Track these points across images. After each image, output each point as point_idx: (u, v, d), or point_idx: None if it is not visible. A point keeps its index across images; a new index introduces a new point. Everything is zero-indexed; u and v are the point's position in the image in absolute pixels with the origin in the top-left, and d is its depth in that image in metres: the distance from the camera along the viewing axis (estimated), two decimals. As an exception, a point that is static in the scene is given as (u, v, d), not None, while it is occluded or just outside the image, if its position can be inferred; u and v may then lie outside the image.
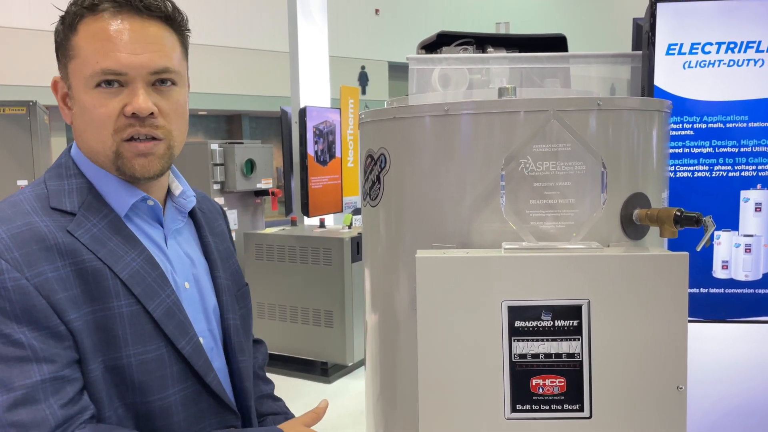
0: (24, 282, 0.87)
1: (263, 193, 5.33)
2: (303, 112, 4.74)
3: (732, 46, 1.89)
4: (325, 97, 5.34)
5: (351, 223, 4.61)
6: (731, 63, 1.91)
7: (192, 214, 1.13)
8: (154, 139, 0.96)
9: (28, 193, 0.98)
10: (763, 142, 1.95)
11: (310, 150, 4.77)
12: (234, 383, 1.12)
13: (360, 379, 4.19)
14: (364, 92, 13.39)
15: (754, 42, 1.89)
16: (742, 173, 1.96)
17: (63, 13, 0.97)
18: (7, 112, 4.72)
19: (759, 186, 1.97)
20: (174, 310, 0.98)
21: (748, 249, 1.98)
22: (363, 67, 14.22)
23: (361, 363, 4.30)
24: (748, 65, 1.90)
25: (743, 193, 1.97)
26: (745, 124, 1.94)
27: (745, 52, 1.90)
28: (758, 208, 1.96)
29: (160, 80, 0.96)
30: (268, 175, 5.22)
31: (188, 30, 1.03)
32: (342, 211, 5.21)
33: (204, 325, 1.07)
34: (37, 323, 0.87)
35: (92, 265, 0.92)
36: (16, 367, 0.85)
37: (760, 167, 1.96)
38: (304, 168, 4.73)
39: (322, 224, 4.67)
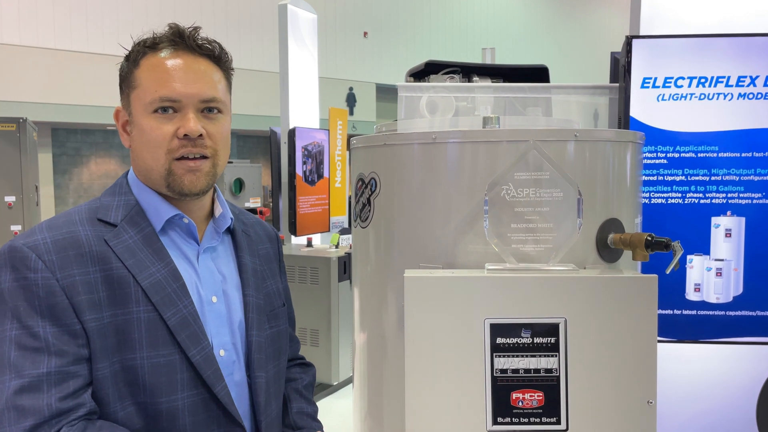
0: (53, 282, 0.98)
1: (251, 211, 5.36)
2: (292, 133, 4.81)
3: (703, 80, 2.01)
4: (314, 117, 5.42)
5: (338, 243, 4.66)
6: (702, 96, 2.02)
7: (234, 235, 1.23)
8: (203, 157, 1.08)
9: (84, 206, 1.12)
10: (732, 171, 2.06)
11: (299, 170, 4.84)
12: (251, 397, 1.17)
13: (345, 399, 4.20)
14: (351, 113, 13.51)
15: (723, 77, 2.00)
16: (713, 200, 2.07)
17: (127, 52, 1.11)
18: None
19: (729, 213, 2.07)
20: (189, 320, 1.06)
21: (719, 273, 2.07)
22: (351, 89, 14.36)
23: (347, 382, 4.32)
24: (717, 99, 2.01)
25: (714, 220, 2.07)
26: (715, 154, 2.05)
27: (715, 86, 2.01)
28: (728, 233, 2.07)
29: (208, 108, 1.09)
30: (257, 194, 5.27)
31: (232, 69, 1.19)
32: (329, 230, 5.26)
33: (228, 338, 1.13)
34: (56, 319, 0.97)
35: (119, 272, 1.03)
36: (30, 356, 0.95)
37: (729, 195, 2.06)
38: (292, 188, 4.79)
39: (309, 243, 4.72)
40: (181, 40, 1.09)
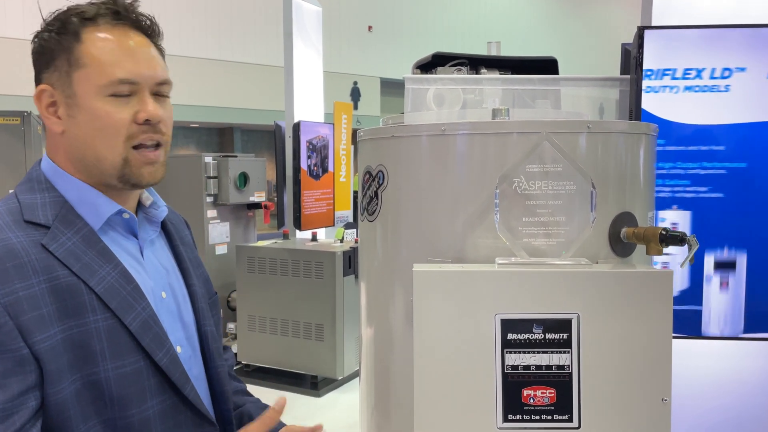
0: None
1: (256, 206, 5.35)
2: (297, 127, 4.78)
3: (714, 72, 1.97)
4: (318, 112, 5.39)
5: (343, 237, 4.64)
6: (715, 88, 1.98)
7: (162, 224, 1.15)
8: (158, 145, 1.01)
9: (1, 207, 0.97)
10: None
11: (303, 164, 4.81)
12: (213, 388, 1.14)
13: (350, 393, 4.20)
14: (356, 107, 13.48)
15: (742, 68, 1.96)
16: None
17: (56, 22, 0.98)
18: (2, 122, 4.73)
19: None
20: (150, 323, 0.99)
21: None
22: (355, 83, 14.33)
23: (351, 377, 4.31)
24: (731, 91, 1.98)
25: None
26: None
27: (728, 78, 1.97)
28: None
29: (159, 90, 1.02)
30: (261, 188, 5.25)
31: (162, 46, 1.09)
32: (334, 225, 5.24)
33: (182, 334, 1.08)
34: (0, 346, 0.85)
35: (67, 280, 0.92)
36: None
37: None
38: (297, 182, 4.77)
39: (314, 238, 4.70)
40: (125, 13, 0.99)
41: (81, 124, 0.97)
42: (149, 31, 1.03)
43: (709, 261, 2.03)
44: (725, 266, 2.02)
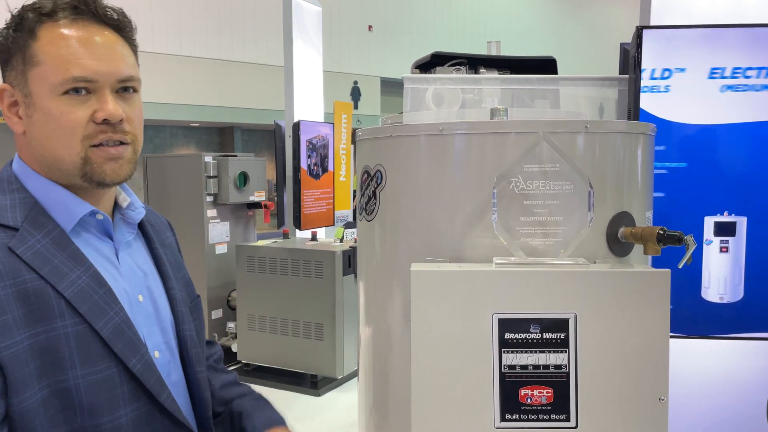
0: None
1: (256, 205, 5.36)
2: (297, 126, 4.78)
3: (714, 71, 1.97)
4: (318, 111, 5.40)
5: (343, 237, 4.65)
6: (713, 88, 1.98)
7: (141, 226, 1.11)
8: (122, 143, 0.96)
9: None
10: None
11: (303, 164, 4.82)
12: (192, 394, 1.10)
13: (349, 392, 4.20)
14: (356, 107, 13.48)
15: (739, 68, 1.96)
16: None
17: (15, 19, 0.95)
18: (1, 121, 4.74)
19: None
20: (123, 328, 0.95)
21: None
22: (355, 82, 14.32)
23: (351, 376, 4.31)
24: (733, 90, 1.98)
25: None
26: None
27: (726, 78, 1.97)
28: None
29: (123, 88, 0.96)
30: (261, 188, 5.25)
31: (135, 39, 1.03)
32: (334, 224, 5.25)
33: (160, 338, 1.04)
34: None
35: (34, 285, 0.88)
36: None
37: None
38: (297, 181, 4.77)
39: (313, 237, 4.70)
40: (85, 6, 0.94)
41: (37, 124, 0.94)
42: (116, 25, 0.97)
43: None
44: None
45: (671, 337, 1.20)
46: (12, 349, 0.85)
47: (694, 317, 2.05)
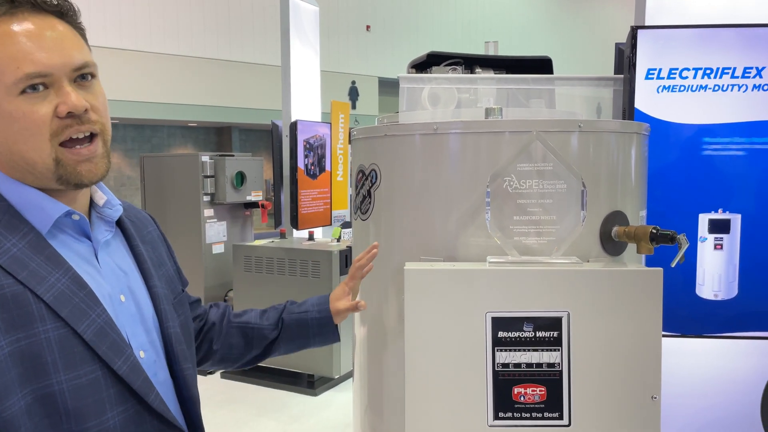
0: None
1: (253, 205, 5.36)
2: (294, 126, 4.79)
3: (708, 71, 1.98)
4: (315, 111, 5.40)
5: (340, 237, 4.65)
6: (706, 88, 1.99)
7: (120, 223, 1.08)
8: (92, 135, 0.93)
9: None
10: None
11: (301, 163, 4.82)
12: (180, 393, 1.08)
13: (346, 392, 4.20)
14: (354, 107, 13.48)
15: (729, 68, 1.97)
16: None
17: None
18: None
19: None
20: (106, 330, 0.93)
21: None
22: (353, 82, 14.32)
23: (348, 376, 4.32)
24: (725, 90, 1.99)
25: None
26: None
27: (720, 77, 1.98)
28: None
29: (81, 76, 0.92)
30: (258, 187, 5.25)
31: (81, 23, 0.98)
32: (331, 224, 5.25)
33: (144, 338, 1.02)
34: None
35: (12, 290, 0.86)
36: None
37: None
38: (294, 181, 4.77)
39: (310, 237, 4.70)
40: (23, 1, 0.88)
41: (1, 129, 0.90)
42: (57, 11, 0.92)
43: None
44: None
45: (665, 336, 1.21)
46: None
47: (689, 315, 2.05)
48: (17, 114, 0.88)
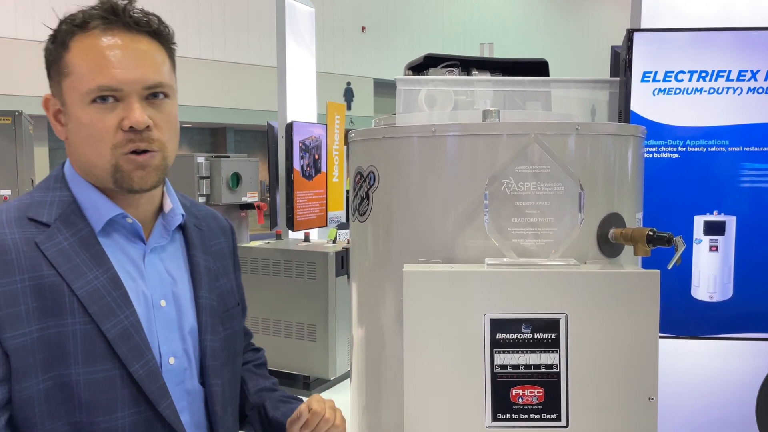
0: None
1: (248, 206, 5.35)
2: (290, 127, 4.78)
3: (703, 74, 1.99)
4: (311, 112, 5.40)
5: (335, 238, 4.65)
6: (701, 90, 2.00)
7: (185, 231, 1.12)
8: (150, 151, 0.98)
9: (13, 203, 1.00)
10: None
11: (296, 164, 4.82)
12: (206, 406, 1.09)
13: (342, 393, 4.20)
14: (349, 108, 13.48)
15: (724, 71, 1.99)
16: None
17: (53, 32, 0.98)
18: (2, 121, 4.71)
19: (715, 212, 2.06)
20: (131, 332, 0.96)
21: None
22: (349, 84, 14.33)
23: (343, 377, 4.32)
24: (719, 93, 2.00)
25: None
26: (724, 149, 2.03)
27: (715, 80, 2.00)
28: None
29: (153, 94, 0.98)
30: (254, 188, 5.24)
31: (174, 44, 1.05)
32: (327, 225, 5.25)
33: (179, 345, 1.05)
34: None
35: (51, 280, 0.92)
36: None
37: None
38: (289, 182, 4.77)
39: (306, 238, 4.70)
40: (115, 16, 0.95)
41: (72, 132, 0.98)
42: (149, 31, 0.99)
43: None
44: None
45: (661, 337, 1.21)
46: (19, 339, 0.89)
47: (684, 317, 2.07)
48: (86, 121, 0.95)
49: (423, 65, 2.10)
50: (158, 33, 1.00)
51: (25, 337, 0.90)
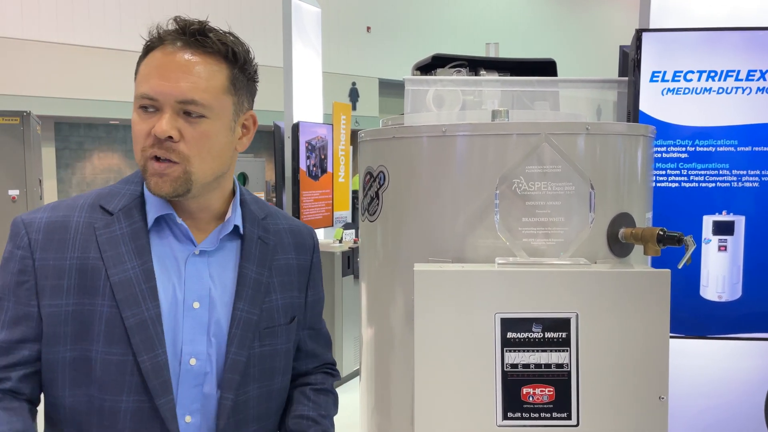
0: (29, 261, 1.03)
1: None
2: (296, 128, 4.79)
3: (712, 74, 1.99)
4: (317, 112, 5.40)
5: (342, 238, 4.66)
6: (712, 90, 2.00)
7: (245, 242, 1.13)
8: (170, 161, 1.01)
9: (96, 191, 1.12)
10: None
11: (303, 165, 4.83)
12: (217, 418, 1.08)
13: (349, 393, 4.20)
14: (354, 108, 13.49)
15: (733, 71, 1.98)
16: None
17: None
18: (1, 122, 4.73)
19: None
20: (147, 324, 1.01)
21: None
22: (354, 84, 14.34)
23: (351, 376, 4.32)
24: (728, 93, 2.00)
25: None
26: (733, 148, 2.02)
27: (724, 80, 1.99)
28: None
29: (187, 111, 1.01)
30: (261, 188, 5.26)
31: (247, 67, 1.08)
32: (333, 225, 5.25)
33: (203, 348, 1.06)
34: (19, 298, 1.03)
35: (93, 263, 1.03)
36: None
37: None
38: (296, 182, 4.78)
39: (312, 238, 4.71)
40: (184, 35, 1.02)
41: None
42: (213, 52, 1.03)
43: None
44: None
45: (670, 337, 1.21)
46: (55, 308, 1.01)
47: (693, 317, 2.06)
48: (132, 122, 1.05)
49: (431, 65, 2.11)
50: (225, 55, 1.04)
51: (61, 308, 1.01)
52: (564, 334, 1.18)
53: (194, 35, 1.03)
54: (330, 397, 1.29)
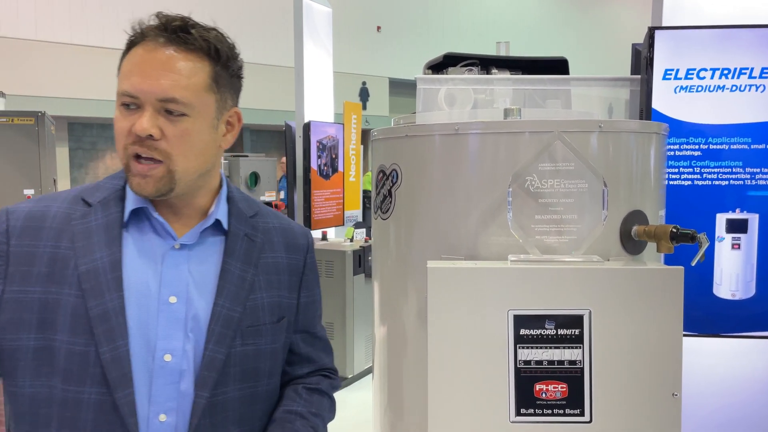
0: (4, 247, 1.02)
1: (267, 205, 5.38)
2: (307, 127, 4.81)
3: (726, 72, 1.98)
4: (328, 112, 5.42)
5: (353, 237, 4.67)
6: (725, 88, 1.99)
7: (231, 238, 1.11)
8: (152, 160, 1.00)
9: (83, 185, 1.11)
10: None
11: (314, 164, 4.85)
12: (191, 417, 1.04)
13: (360, 391, 4.22)
14: (364, 107, 13.50)
15: (746, 68, 1.97)
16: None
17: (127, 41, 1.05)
18: (16, 122, 4.78)
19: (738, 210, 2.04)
20: (110, 315, 0.99)
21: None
22: (364, 83, 14.35)
23: (361, 375, 4.34)
24: (743, 90, 1.99)
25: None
26: (747, 146, 2.02)
27: (738, 77, 1.98)
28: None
29: (169, 110, 0.99)
30: (272, 188, 5.28)
31: (231, 64, 1.08)
32: (344, 224, 5.27)
33: (179, 344, 1.03)
34: None
35: (64, 252, 1.02)
36: None
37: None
38: (307, 182, 4.80)
39: (324, 237, 4.73)
40: (165, 31, 1.00)
41: None
42: (195, 49, 1.01)
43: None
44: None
45: (683, 335, 1.21)
46: (17, 295, 1.00)
47: (706, 315, 2.06)
48: (115, 120, 1.03)
49: (442, 64, 2.11)
50: (207, 52, 1.02)
51: (28, 294, 1.00)
52: (577, 331, 1.19)
53: (176, 32, 1.00)
54: (324, 397, 1.23)
